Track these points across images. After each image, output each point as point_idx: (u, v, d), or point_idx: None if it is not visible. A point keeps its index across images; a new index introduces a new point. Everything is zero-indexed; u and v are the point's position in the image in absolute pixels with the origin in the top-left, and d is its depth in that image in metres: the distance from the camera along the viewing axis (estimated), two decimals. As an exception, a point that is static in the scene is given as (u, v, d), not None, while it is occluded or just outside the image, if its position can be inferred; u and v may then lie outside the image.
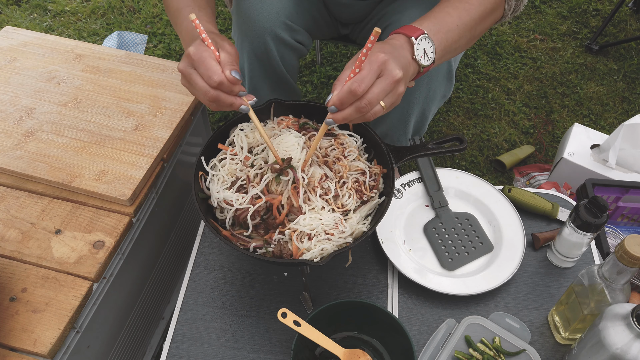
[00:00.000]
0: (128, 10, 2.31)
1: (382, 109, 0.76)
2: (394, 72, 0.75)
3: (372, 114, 0.76)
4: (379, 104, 0.75)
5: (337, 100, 0.75)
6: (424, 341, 0.94)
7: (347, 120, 0.77)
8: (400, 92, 0.77)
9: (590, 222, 0.93)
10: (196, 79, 0.79)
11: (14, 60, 1.24)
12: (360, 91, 0.73)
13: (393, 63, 0.75)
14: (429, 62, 0.82)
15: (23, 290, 0.90)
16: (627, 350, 0.73)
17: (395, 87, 0.76)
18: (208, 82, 0.77)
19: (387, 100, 0.76)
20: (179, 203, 1.28)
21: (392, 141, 1.33)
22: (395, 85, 0.76)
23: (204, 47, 0.78)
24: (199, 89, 0.79)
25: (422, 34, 0.80)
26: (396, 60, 0.76)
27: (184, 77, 0.81)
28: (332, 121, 0.78)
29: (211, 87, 0.78)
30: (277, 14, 1.11)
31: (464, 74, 2.12)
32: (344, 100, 0.75)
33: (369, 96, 0.74)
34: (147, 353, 1.27)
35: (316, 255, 0.84)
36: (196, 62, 0.78)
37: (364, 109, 0.75)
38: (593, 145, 1.58)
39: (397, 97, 0.77)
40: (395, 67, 0.75)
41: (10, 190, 1.03)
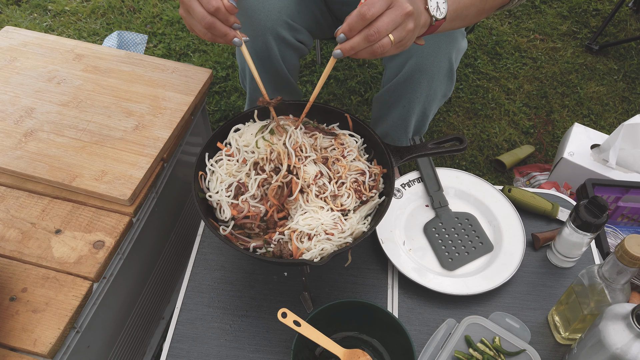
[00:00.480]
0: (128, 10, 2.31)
1: (390, 43, 0.74)
2: (404, 5, 0.73)
3: (380, 45, 0.74)
4: (388, 37, 0.74)
5: (346, 26, 0.74)
6: (424, 341, 0.94)
7: (355, 50, 0.75)
8: (410, 29, 0.75)
9: (590, 222, 0.93)
10: (195, 5, 0.80)
11: (14, 60, 1.24)
12: (369, 15, 0.72)
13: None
14: (441, 15, 0.81)
15: (23, 290, 0.90)
16: (627, 350, 0.73)
17: (405, 20, 0.74)
18: (206, 7, 0.79)
19: (396, 34, 0.74)
20: (179, 203, 1.28)
21: (393, 141, 1.33)
22: (405, 18, 0.74)
23: None
24: (196, 14, 0.80)
25: None
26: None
27: (182, 5, 0.82)
28: (339, 53, 0.76)
29: (208, 12, 0.79)
30: (279, 13, 1.11)
31: (464, 74, 2.12)
32: (354, 26, 0.73)
33: (378, 24, 0.73)
34: (147, 353, 1.27)
35: (316, 255, 0.84)
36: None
37: (373, 37, 0.73)
38: (593, 145, 1.58)
39: (407, 33, 0.75)
40: (405, 1, 0.74)
41: (10, 190, 1.03)
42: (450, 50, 1.11)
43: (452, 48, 1.11)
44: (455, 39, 1.11)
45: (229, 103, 1.98)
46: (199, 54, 2.14)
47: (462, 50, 1.16)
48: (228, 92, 2.02)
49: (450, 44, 1.10)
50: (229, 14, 0.80)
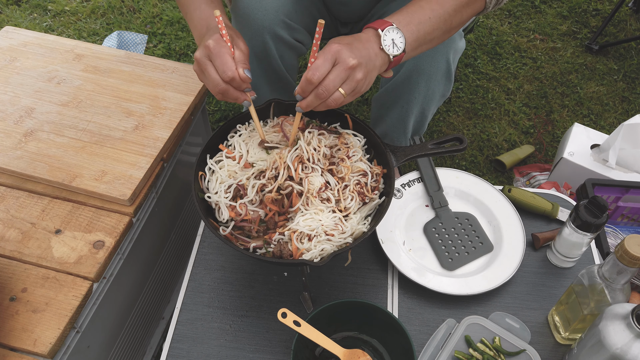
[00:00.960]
0: (128, 10, 2.31)
1: (341, 96, 0.81)
2: (347, 60, 0.79)
3: (333, 100, 0.81)
4: (338, 91, 0.80)
5: (299, 89, 0.82)
6: (424, 341, 0.94)
7: (310, 107, 0.83)
8: (359, 79, 0.81)
9: (590, 222, 0.93)
10: (210, 70, 0.84)
11: (14, 60, 1.24)
12: (315, 79, 0.79)
13: (347, 52, 0.80)
14: (399, 51, 0.85)
15: (23, 290, 0.90)
16: (627, 350, 0.73)
17: (351, 74, 0.80)
18: (221, 76, 0.83)
19: (345, 87, 0.81)
20: (179, 203, 1.28)
21: (392, 141, 1.33)
22: (351, 71, 0.80)
23: (222, 43, 0.84)
24: (212, 80, 0.84)
25: (390, 26, 0.85)
26: (352, 49, 0.80)
27: (198, 65, 0.86)
28: (299, 108, 0.84)
29: (223, 80, 0.84)
30: (276, 12, 1.11)
31: (464, 74, 2.12)
32: (305, 89, 0.81)
33: (325, 83, 0.79)
34: (147, 353, 1.27)
35: (316, 255, 0.84)
36: (213, 55, 0.84)
37: (323, 95, 0.80)
38: (593, 145, 1.58)
39: (356, 83, 0.81)
40: (349, 55, 0.79)
41: (10, 190, 1.03)
42: (448, 50, 1.11)
43: (450, 49, 1.11)
44: (453, 40, 1.11)
45: (229, 103, 1.98)
46: (199, 54, 2.14)
47: (459, 51, 1.16)
48: (228, 92, 2.01)
49: (448, 44, 1.10)
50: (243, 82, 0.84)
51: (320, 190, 0.89)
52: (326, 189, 0.90)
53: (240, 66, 0.84)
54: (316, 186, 0.90)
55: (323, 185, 0.90)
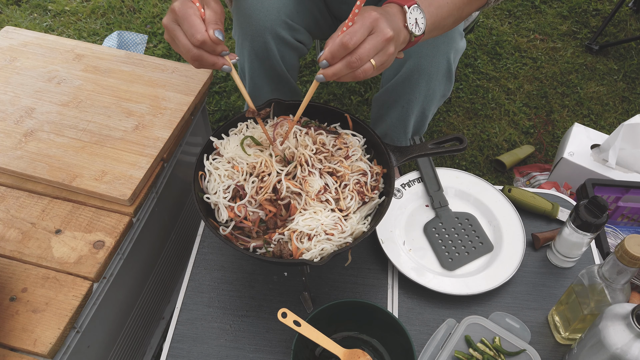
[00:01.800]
0: (128, 10, 2.31)
1: (372, 68, 0.76)
2: (385, 30, 0.75)
3: (362, 71, 0.76)
4: (370, 62, 0.75)
5: (328, 54, 0.75)
6: (424, 341, 0.94)
7: (337, 76, 0.76)
8: (391, 53, 0.77)
9: (590, 222, 0.93)
10: (179, 35, 0.79)
11: (14, 60, 1.24)
12: (351, 44, 0.73)
13: (385, 22, 0.75)
14: (420, 32, 0.82)
15: (23, 290, 0.90)
16: (627, 350, 0.73)
17: (386, 46, 0.76)
18: (191, 40, 0.78)
19: (377, 59, 0.76)
20: (179, 203, 1.28)
21: (392, 141, 1.33)
22: (387, 43, 0.75)
23: (189, 4, 0.79)
24: (182, 46, 0.79)
25: (414, 4, 0.81)
26: (388, 21, 0.76)
27: (167, 32, 0.81)
28: (322, 77, 0.77)
29: (194, 45, 0.78)
30: (278, 12, 1.11)
31: (464, 74, 2.12)
32: (335, 54, 0.74)
33: (360, 51, 0.74)
34: (147, 353, 1.27)
35: (316, 255, 0.84)
36: (180, 19, 0.78)
37: (355, 64, 0.74)
38: (593, 145, 1.58)
39: (388, 57, 0.77)
40: (386, 26, 0.75)
41: (10, 190, 1.03)
42: (449, 50, 1.11)
43: (451, 48, 1.11)
44: (454, 40, 1.11)
45: (229, 103, 1.98)
46: (199, 54, 2.14)
47: (460, 51, 1.16)
48: (228, 92, 2.02)
49: (449, 44, 1.10)
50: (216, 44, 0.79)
51: (319, 192, 0.89)
52: (325, 191, 0.90)
53: (211, 27, 0.77)
54: (315, 188, 0.90)
55: (322, 188, 0.90)
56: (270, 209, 0.88)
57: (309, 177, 0.90)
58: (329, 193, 0.90)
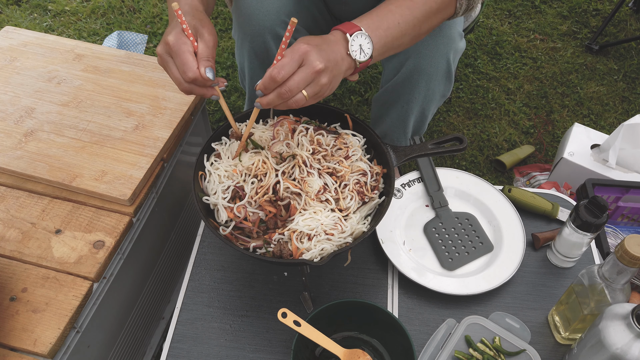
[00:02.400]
0: (128, 10, 2.31)
1: (304, 98, 0.78)
2: (314, 63, 0.77)
3: (294, 101, 0.78)
4: (301, 93, 0.78)
5: (261, 85, 0.78)
6: (424, 341, 0.94)
7: (271, 105, 0.79)
8: (323, 83, 0.79)
9: (590, 222, 0.93)
10: (172, 67, 0.82)
11: (14, 60, 1.24)
12: (279, 78, 0.76)
13: (315, 54, 0.77)
14: (365, 57, 0.84)
15: (23, 290, 0.90)
16: (627, 350, 0.73)
17: (316, 78, 0.78)
18: (183, 77, 0.81)
19: (309, 90, 0.78)
20: (179, 203, 1.28)
21: (392, 141, 1.32)
22: (316, 75, 0.78)
23: (183, 39, 0.81)
24: (174, 78, 0.82)
25: (358, 31, 0.82)
26: (321, 52, 0.78)
27: (160, 60, 0.84)
28: (259, 104, 0.81)
29: (185, 81, 0.81)
30: (277, 12, 1.11)
31: (464, 74, 2.12)
32: (267, 86, 0.78)
33: (289, 83, 0.77)
34: (147, 353, 1.27)
35: (316, 255, 0.84)
36: (173, 53, 0.81)
37: (285, 95, 0.77)
38: (593, 145, 1.58)
39: (320, 87, 0.79)
40: (316, 59, 0.77)
41: (11, 190, 1.03)
42: (448, 51, 1.11)
43: (450, 49, 1.11)
44: (453, 40, 1.11)
45: (229, 103, 1.98)
46: (199, 54, 2.14)
47: (460, 51, 1.16)
48: (228, 92, 2.02)
49: (448, 44, 1.10)
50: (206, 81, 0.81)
51: (318, 192, 0.89)
52: (325, 191, 0.90)
53: (203, 64, 0.80)
54: (314, 188, 0.90)
55: (322, 188, 0.90)
56: (270, 209, 0.88)
57: (308, 177, 0.90)
58: (328, 192, 0.90)
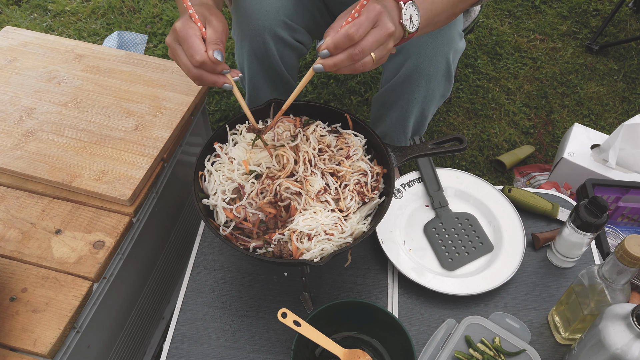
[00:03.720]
0: (128, 10, 2.31)
1: (371, 61, 0.76)
2: (387, 25, 0.75)
3: (362, 64, 0.76)
4: (370, 55, 0.75)
5: (331, 43, 0.74)
6: (424, 341, 0.94)
7: (337, 67, 0.75)
8: (390, 48, 0.77)
9: (590, 222, 0.93)
10: (180, 55, 0.80)
11: (14, 60, 1.24)
12: (357, 36, 0.73)
13: (387, 16, 0.76)
14: (414, 28, 0.82)
15: (23, 290, 0.90)
16: (627, 350, 0.73)
17: (386, 40, 0.76)
18: (190, 61, 0.79)
19: (377, 53, 0.76)
20: (179, 203, 1.28)
21: (392, 141, 1.33)
22: (388, 38, 0.76)
23: (190, 24, 0.79)
24: (182, 65, 0.81)
25: (410, 1, 0.81)
26: (391, 15, 0.77)
27: (170, 51, 0.83)
28: (321, 67, 0.76)
29: (194, 65, 0.79)
30: (277, 12, 1.11)
31: (464, 74, 2.12)
32: (339, 45, 0.73)
33: (363, 43, 0.74)
34: (147, 353, 1.27)
35: (316, 255, 0.84)
36: (181, 39, 0.79)
37: (357, 56, 0.74)
38: (593, 145, 1.58)
39: (387, 52, 0.77)
40: (388, 20, 0.75)
41: (11, 190, 1.03)
42: (448, 51, 1.11)
43: (450, 49, 1.11)
44: (453, 40, 1.11)
45: (229, 103, 1.98)
46: (199, 54, 2.14)
47: (459, 51, 1.16)
48: (228, 92, 2.02)
49: (448, 45, 1.10)
50: (215, 64, 0.80)
51: (319, 193, 0.89)
52: (325, 192, 0.90)
53: (211, 47, 0.79)
54: (315, 188, 0.90)
55: (322, 189, 0.90)
56: (270, 210, 0.88)
57: (311, 176, 0.91)
58: (328, 194, 0.90)
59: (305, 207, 0.89)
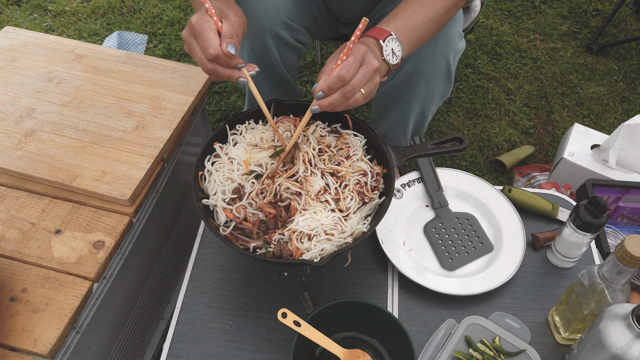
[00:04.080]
0: (128, 10, 2.31)
1: (362, 97, 0.81)
2: (372, 62, 0.81)
3: (354, 100, 0.81)
4: (360, 91, 0.81)
5: (325, 86, 0.79)
6: (424, 341, 0.94)
7: (332, 106, 0.81)
8: (377, 83, 0.83)
9: (590, 222, 0.93)
10: (195, 49, 0.82)
11: (14, 60, 1.24)
12: (348, 76, 0.78)
13: (372, 54, 0.81)
14: (397, 60, 0.87)
15: (23, 290, 0.90)
16: (627, 350, 0.73)
17: (373, 76, 0.82)
18: (205, 55, 0.80)
19: (366, 89, 0.82)
20: (179, 203, 1.28)
21: (392, 141, 1.32)
22: (374, 74, 0.81)
23: (205, 18, 0.81)
24: (197, 59, 0.82)
25: (390, 36, 0.85)
26: (374, 53, 0.83)
27: (185, 45, 0.84)
28: (318, 108, 0.82)
29: (208, 59, 0.81)
30: (277, 13, 1.11)
31: (464, 74, 2.12)
32: (332, 86, 0.79)
33: (353, 82, 0.79)
34: (147, 353, 1.27)
35: (316, 255, 0.84)
36: (196, 32, 0.81)
37: (348, 94, 0.80)
38: (593, 146, 1.58)
39: (374, 86, 0.83)
40: (373, 58, 0.81)
41: (11, 190, 1.03)
42: (448, 51, 1.11)
43: (450, 49, 1.11)
44: (453, 40, 1.11)
45: (229, 103, 1.98)
46: (199, 54, 2.14)
47: (459, 51, 1.16)
48: (228, 92, 2.02)
49: (448, 45, 1.10)
50: (229, 58, 0.81)
51: (319, 193, 0.89)
52: (325, 192, 0.90)
53: (225, 41, 0.80)
54: (315, 188, 0.90)
55: (322, 189, 0.90)
56: (270, 211, 0.88)
57: (311, 177, 0.91)
58: (328, 194, 0.90)
59: (305, 207, 0.89)
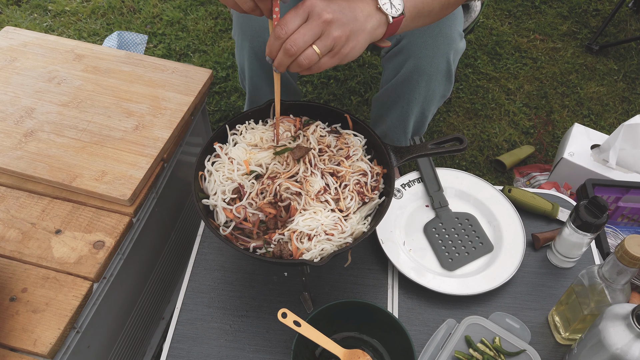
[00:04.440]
0: (128, 10, 2.31)
1: (315, 54, 0.74)
2: (321, 13, 0.72)
3: (305, 58, 0.74)
4: (311, 48, 0.73)
5: (267, 49, 0.75)
6: (424, 341, 0.94)
7: (283, 66, 0.75)
8: (336, 36, 0.74)
9: (590, 222, 0.93)
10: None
11: (14, 60, 1.24)
12: (283, 34, 0.72)
13: (322, 5, 0.73)
14: (397, 12, 0.79)
15: (23, 290, 0.90)
16: (627, 350, 0.73)
17: (326, 29, 0.73)
18: None
19: (320, 44, 0.74)
20: (179, 203, 1.28)
21: (392, 141, 1.33)
22: (325, 26, 0.73)
23: None
24: None
25: None
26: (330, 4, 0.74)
27: None
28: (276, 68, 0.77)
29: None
30: (277, 13, 1.10)
31: (464, 74, 2.12)
32: (272, 47, 0.74)
33: (293, 36, 0.72)
34: (147, 353, 1.27)
35: (316, 255, 0.84)
36: None
37: (291, 51, 0.73)
38: (593, 146, 1.58)
39: (333, 41, 0.74)
40: (323, 9, 0.73)
41: (11, 190, 1.03)
42: (448, 51, 1.11)
43: (450, 49, 1.11)
44: (453, 40, 1.11)
45: (229, 103, 1.98)
46: (199, 54, 2.14)
47: (460, 51, 1.16)
48: (228, 92, 2.02)
49: (449, 45, 1.10)
50: None
51: (319, 193, 0.89)
52: (325, 192, 0.90)
53: None
54: (315, 188, 0.90)
55: (322, 189, 0.90)
56: (270, 211, 0.88)
57: (311, 177, 0.91)
58: (328, 194, 0.90)
59: (305, 207, 0.89)
